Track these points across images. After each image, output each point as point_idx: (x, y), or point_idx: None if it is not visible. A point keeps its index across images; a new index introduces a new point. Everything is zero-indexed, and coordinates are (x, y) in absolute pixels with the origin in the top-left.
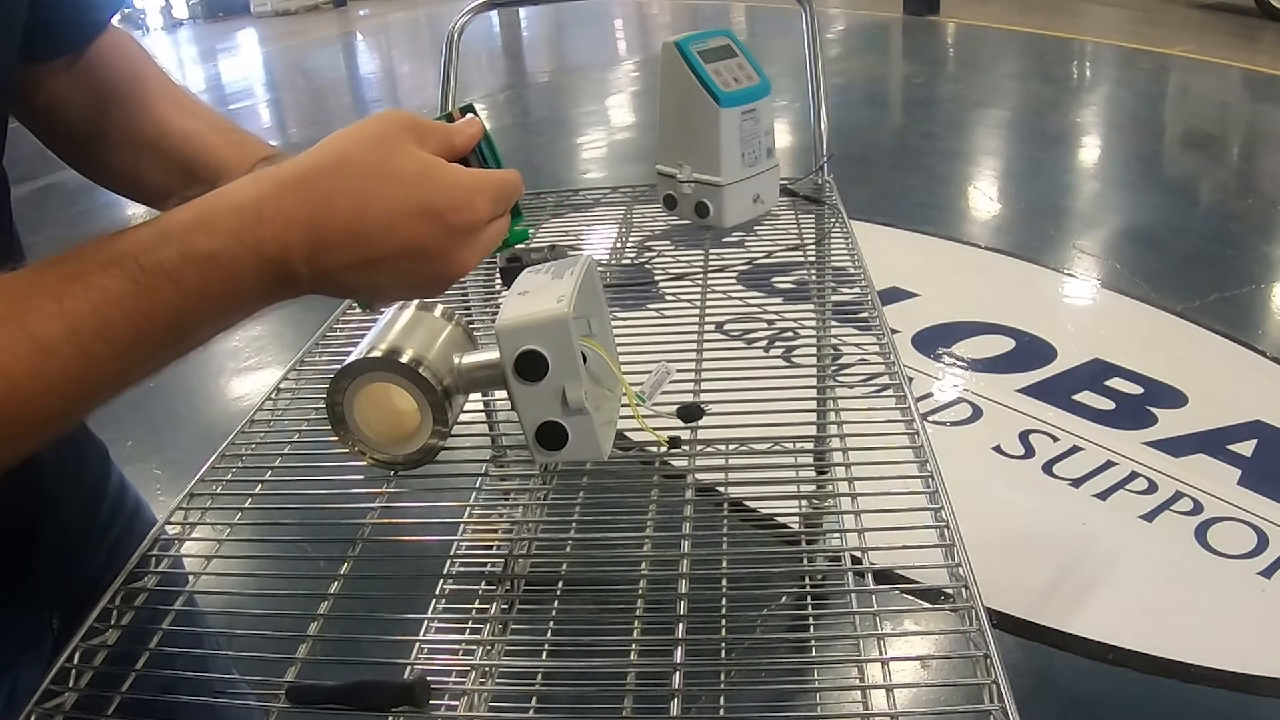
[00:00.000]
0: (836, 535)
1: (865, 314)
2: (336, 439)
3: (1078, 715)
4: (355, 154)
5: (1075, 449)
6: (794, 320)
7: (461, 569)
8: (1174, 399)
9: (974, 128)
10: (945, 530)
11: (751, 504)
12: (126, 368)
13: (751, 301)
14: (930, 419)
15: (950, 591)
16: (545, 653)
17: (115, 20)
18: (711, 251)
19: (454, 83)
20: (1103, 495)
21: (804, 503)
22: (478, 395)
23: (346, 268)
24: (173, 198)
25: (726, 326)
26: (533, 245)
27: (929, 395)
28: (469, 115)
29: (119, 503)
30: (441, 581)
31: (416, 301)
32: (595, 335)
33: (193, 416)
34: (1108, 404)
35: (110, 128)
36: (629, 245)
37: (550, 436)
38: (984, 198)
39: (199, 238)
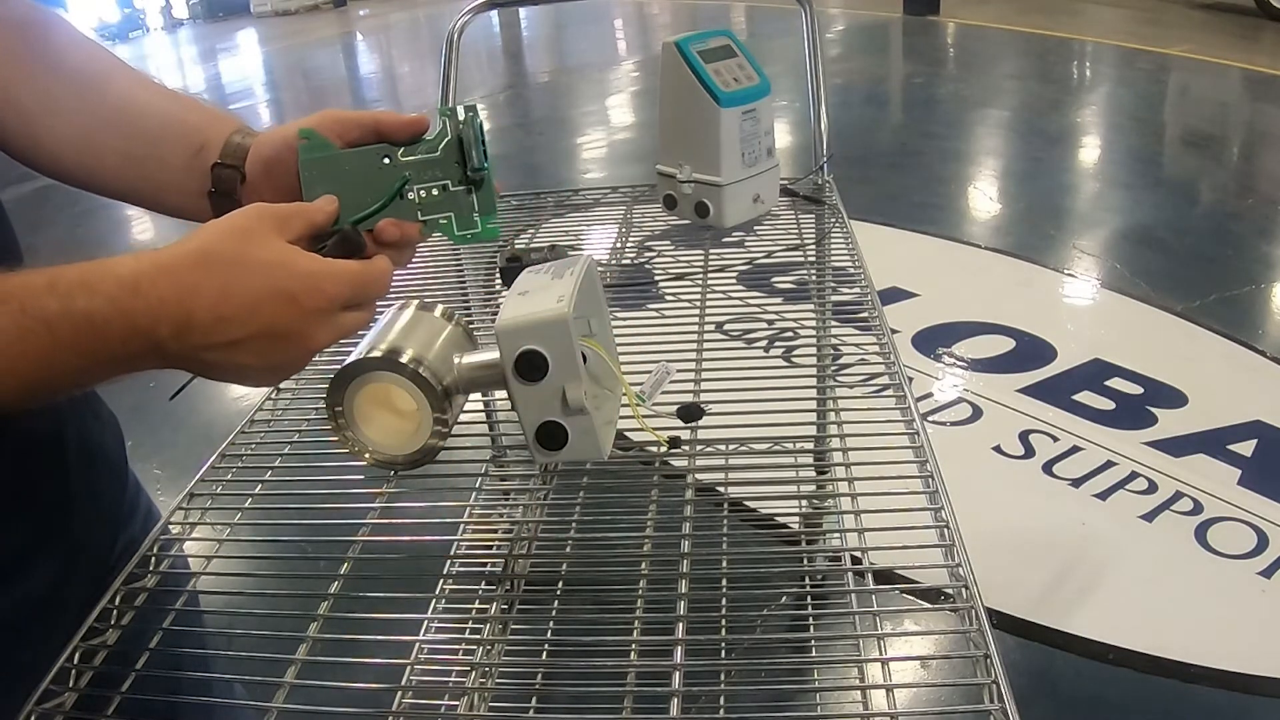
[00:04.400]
0: (836, 535)
1: (865, 314)
2: (336, 439)
3: (1078, 715)
4: (220, 246)
5: (1075, 449)
6: (794, 320)
7: (461, 569)
8: (1174, 399)
9: (974, 128)
10: (945, 530)
11: (751, 504)
12: None
13: (751, 301)
14: (930, 419)
15: (950, 591)
16: (545, 653)
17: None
18: (711, 251)
19: (454, 83)
20: (1103, 495)
21: (804, 503)
22: (478, 395)
23: (211, 347)
24: (129, 169)
25: (726, 326)
26: (533, 245)
27: (929, 395)
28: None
29: (136, 499)
30: (441, 582)
31: (416, 301)
32: (595, 335)
33: (192, 416)
34: (1108, 404)
35: (61, 98)
36: (629, 245)
37: (550, 436)
38: (984, 198)
39: (79, 296)
